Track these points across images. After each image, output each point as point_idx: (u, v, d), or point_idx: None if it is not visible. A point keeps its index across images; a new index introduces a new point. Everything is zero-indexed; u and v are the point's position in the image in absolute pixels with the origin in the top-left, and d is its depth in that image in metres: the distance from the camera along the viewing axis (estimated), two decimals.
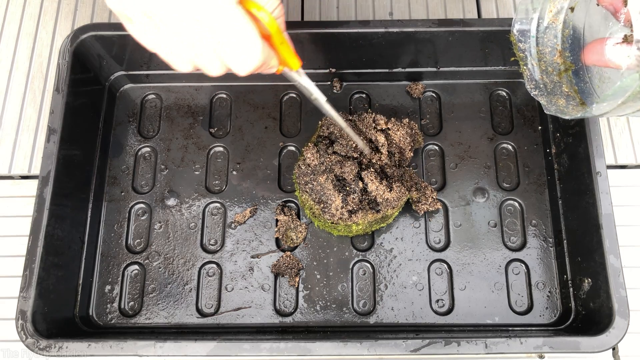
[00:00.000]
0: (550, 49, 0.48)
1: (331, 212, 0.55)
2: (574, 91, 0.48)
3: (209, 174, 0.63)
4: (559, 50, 0.48)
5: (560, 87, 0.48)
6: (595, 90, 0.46)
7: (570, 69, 0.48)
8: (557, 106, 0.47)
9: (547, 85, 0.48)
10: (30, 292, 0.51)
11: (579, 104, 0.47)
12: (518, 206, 0.61)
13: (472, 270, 0.58)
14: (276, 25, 0.42)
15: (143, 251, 0.60)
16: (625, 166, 0.64)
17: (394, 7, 0.72)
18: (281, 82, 0.66)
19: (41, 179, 0.54)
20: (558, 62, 0.48)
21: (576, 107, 0.47)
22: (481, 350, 0.49)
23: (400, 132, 0.59)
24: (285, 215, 0.59)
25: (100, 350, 0.49)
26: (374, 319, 0.57)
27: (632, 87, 0.36)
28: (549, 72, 0.48)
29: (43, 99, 0.67)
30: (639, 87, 0.36)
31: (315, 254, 0.59)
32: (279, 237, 0.59)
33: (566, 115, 0.45)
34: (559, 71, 0.48)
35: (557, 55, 0.48)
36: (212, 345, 0.49)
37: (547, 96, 0.48)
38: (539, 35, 0.48)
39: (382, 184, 0.55)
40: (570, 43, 0.48)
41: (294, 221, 0.59)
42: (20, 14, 0.71)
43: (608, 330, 0.49)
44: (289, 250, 0.59)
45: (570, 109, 0.47)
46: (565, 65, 0.48)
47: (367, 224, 0.56)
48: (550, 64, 0.48)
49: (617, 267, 0.50)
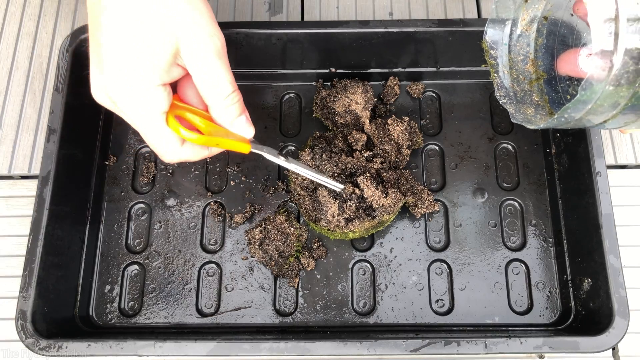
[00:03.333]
0: (522, 57, 0.48)
1: (327, 219, 0.55)
2: (544, 100, 0.47)
3: (209, 174, 0.63)
4: (531, 59, 0.48)
5: (531, 96, 0.47)
6: (566, 100, 0.46)
7: (542, 78, 0.47)
8: (525, 115, 0.46)
9: (517, 94, 0.48)
10: (30, 292, 0.51)
11: (547, 113, 0.46)
12: (518, 206, 0.61)
13: (472, 270, 0.58)
14: (202, 139, 0.45)
15: (143, 251, 0.60)
16: (625, 166, 0.64)
17: (394, 7, 0.72)
18: (281, 82, 0.66)
19: (41, 179, 0.54)
20: (530, 70, 0.48)
21: (544, 116, 0.46)
22: (481, 350, 0.49)
23: (399, 128, 0.59)
24: (284, 215, 0.59)
25: (100, 350, 0.49)
26: (373, 319, 0.57)
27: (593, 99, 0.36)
28: (520, 80, 0.48)
29: (43, 99, 0.67)
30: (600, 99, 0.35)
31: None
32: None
33: (532, 125, 0.44)
34: (530, 80, 0.48)
35: (530, 63, 0.48)
36: (212, 345, 0.49)
37: (516, 104, 0.47)
38: (512, 44, 0.48)
39: (377, 189, 0.55)
40: (543, 52, 0.47)
41: (293, 222, 0.59)
42: (20, 14, 0.71)
43: (608, 330, 0.49)
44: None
45: (538, 118, 0.46)
46: (537, 74, 0.47)
47: (364, 230, 0.56)
48: (521, 72, 0.48)
49: (617, 267, 0.50)
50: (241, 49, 0.61)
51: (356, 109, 0.60)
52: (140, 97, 0.42)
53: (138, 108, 0.43)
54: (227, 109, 0.45)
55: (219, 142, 0.47)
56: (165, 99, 0.43)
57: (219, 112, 0.46)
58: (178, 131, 0.44)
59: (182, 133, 0.44)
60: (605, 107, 0.36)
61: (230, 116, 0.46)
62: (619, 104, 0.36)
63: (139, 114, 0.43)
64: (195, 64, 0.42)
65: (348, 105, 0.60)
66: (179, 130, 0.44)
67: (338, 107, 0.60)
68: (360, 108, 0.60)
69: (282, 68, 0.65)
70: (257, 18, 0.71)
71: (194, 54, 0.42)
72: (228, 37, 0.59)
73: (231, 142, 0.47)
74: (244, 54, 0.62)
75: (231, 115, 0.46)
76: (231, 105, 0.45)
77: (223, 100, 0.44)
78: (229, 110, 0.45)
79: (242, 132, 0.48)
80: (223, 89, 0.44)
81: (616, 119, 0.38)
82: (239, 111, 0.46)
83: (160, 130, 0.44)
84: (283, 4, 0.72)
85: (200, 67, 0.42)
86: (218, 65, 0.43)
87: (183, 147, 0.46)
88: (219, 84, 0.44)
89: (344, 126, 0.61)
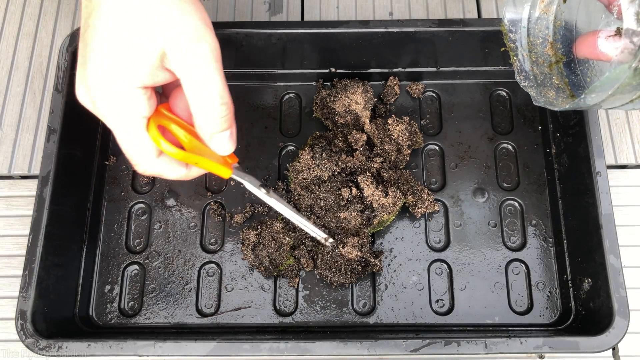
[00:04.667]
0: (541, 40, 0.48)
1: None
2: (564, 83, 0.47)
3: (209, 174, 0.63)
4: (550, 42, 0.47)
5: (551, 79, 0.47)
6: (586, 83, 0.46)
7: (562, 60, 0.47)
8: (547, 98, 0.46)
9: (537, 77, 0.47)
10: (30, 292, 0.51)
11: (568, 96, 0.46)
12: (518, 206, 0.61)
13: (472, 270, 0.58)
14: (181, 154, 0.43)
15: (143, 251, 0.60)
16: (625, 166, 0.64)
17: (394, 7, 0.72)
18: (281, 83, 0.66)
19: (41, 179, 0.54)
20: (549, 53, 0.47)
21: (566, 99, 0.46)
22: (481, 350, 0.49)
23: (399, 128, 0.59)
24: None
25: (100, 350, 0.49)
26: (374, 319, 0.57)
27: (619, 80, 0.35)
28: (540, 63, 0.48)
29: (43, 99, 0.67)
30: (628, 79, 0.35)
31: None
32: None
33: (555, 107, 0.44)
34: (549, 63, 0.47)
35: (549, 46, 0.47)
36: (212, 345, 0.49)
37: (537, 88, 0.47)
38: (530, 26, 0.48)
39: (378, 189, 0.55)
40: (562, 34, 0.47)
41: (289, 233, 0.59)
42: (20, 14, 0.71)
43: (608, 330, 0.49)
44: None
45: (560, 101, 0.46)
46: (557, 57, 0.47)
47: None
48: (541, 55, 0.48)
49: (617, 267, 0.50)
50: (241, 49, 0.61)
51: (356, 109, 0.60)
52: (118, 98, 0.40)
53: (116, 109, 0.41)
54: (211, 121, 0.42)
55: (198, 161, 0.44)
56: (146, 102, 0.41)
57: (200, 123, 0.42)
58: (157, 142, 0.42)
59: (162, 145, 0.42)
60: (631, 87, 0.36)
61: (211, 129, 0.42)
62: None
63: (116, 115, 0.41)
64: (182, 71, 0.40)
65: (348, 105, 0.60)
66: (158, 141, 0.42)
67: (338, 107, 0.60)
68: (360, 108, 0.60)
69: (282, 68, 0.65)
70: (257, 18, 0.71)
71: (180, 59, 0.39)
72: (228, 37, 0.59)
73: (211, 164, 0.45)
74: (244, 54, 0.62)
75: (213, 129, 0.42)
76: (216, 119, 0.42)
77: (207, 112, 0.41)
78: (212, 123, 0.42)
79: (219, 148, 0.44)
80: (209, 101, 0.41)
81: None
82: (223, 125, 0.42)
83: (137, 135, 0.42)
84: (283, 4, 0.72)
85: (186, 72, 0.40)
86: (206, 71, 0.40)
87: (159, 159, 0.43)
88: (206, 92, 0.40)
89: (344, 126, 0.61)
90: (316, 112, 0.63)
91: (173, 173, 0.45)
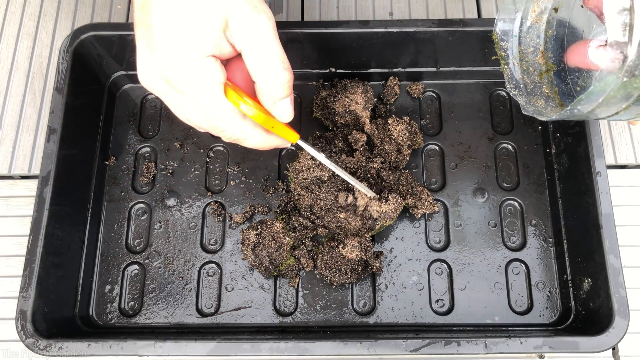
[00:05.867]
0: (532, 49, 0.48)
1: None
2: (554, 92, 0.47)
3: (209, 174, 0.63)
4: (541, 51, 0.48)
5: (541, 88, 0.47)
6: (576, 92, 0.46)
7: (552, 69, 0.47)
8: (536, 107, 0.46)
9: (527, 86, 0.48)
10: (30, 292, 0.51)
11: (558, 105, 0.46)
12: (518, 206, 0.61)
13: (472, 270, 0.58)
14: (262, 117, 0.44)
15: (143, 251, 0.60)
16: (625, 166, 0.64)
17: (394, 7, 0.72)
18: None
19: (41, 179, 0.54)
20: (540, 62, 0.48)
21: (555, 108, 0.46)
22: (481, 350, 0.49)
23: (399, 128, 0.59)
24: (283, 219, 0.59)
25: (100, 350, 0.49)
26: (374, 319, 0.57)
27: (606, 91, 0.35)
28: (530, 72, 0.48)
29: (43, 99, 0.67)
30: (613, 91, 0.35)
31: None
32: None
33: (543, 117, 0.44)
34: (540, 71, 0.48)
35: (540, 55, 0.48)
36: (212, 345, 0.49)
37: (527, 96, 0.47)
38: (522, 35, 0.48)
39: (374, 201, 0.55)
40: (553, 44, 0.47)
41: (289, 233, 0.59)
42: (20, 14, 0.71)
43: (608, 330, 0.49)
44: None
45: (549, 110, 0.46)
46: (547, 66, 0.47)
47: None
48: (531, 64, 0.48)
49: (617, 267, 0.51)
50: None
51: (356, 109, 0.60)
52: (194, 68, 0.41)
53: (194, 79, 0.41)
54: (276, 87, 0.43)
55: (275, 125, 0.45)
56: (220, 68, 0.42)
57: (265, 90, 0.43)
58: (238, 104, 0.42)
59: (242, 107, 0.42)
60: (618, 99, 0.36)
61: (275, 95, 0.44)
62: (632, 96, 0.36)
63: (196, 85, 0.42)
64: (244, 39, 0.41)
65: (348, 105, 0.60)
66: (238, 104, 0.42)
67: (338, 107, 0.60)
68: (360, 108, 0.60)
69: None
70: None
71: (242, 29, 0.41)
72: None
73: (284, 128, 0.46)
74: None
75: (277, 94, 0.44)
76: (281, 84, 0.43)
77: (271, 78, 0.43)
78: (277, 89, 0.43)
79: (283, 114, 0.45)
80: (273, 66, 0.42)
81: (628, 110, 0.38)
82: (287, 91, 0.44)
83: (220, 102, 0.42)
84: (283, 4, 0.72)
85: (249, 42, 0.41)
86: (268, 40, 0.41)
87: (244, 122, 0.44)
88: (269, 58, 0.42)
89: (344, 126, 0.61)
90: (316, 112, 0.63)
91: (256, 138, 0.46)
